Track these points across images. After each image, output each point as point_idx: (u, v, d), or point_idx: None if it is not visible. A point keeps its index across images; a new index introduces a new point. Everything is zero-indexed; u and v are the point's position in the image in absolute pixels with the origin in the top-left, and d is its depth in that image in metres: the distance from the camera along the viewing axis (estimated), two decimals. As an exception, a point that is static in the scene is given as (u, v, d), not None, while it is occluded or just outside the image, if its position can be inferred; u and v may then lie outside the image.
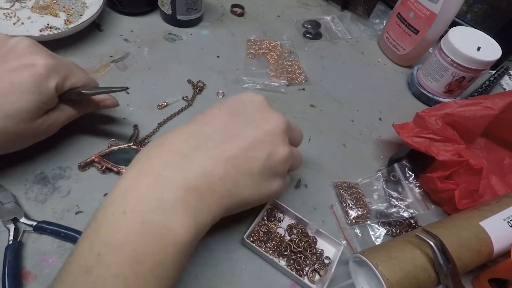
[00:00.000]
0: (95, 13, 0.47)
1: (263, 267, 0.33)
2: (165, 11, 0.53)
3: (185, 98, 0.45)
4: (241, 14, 0.60)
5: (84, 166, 0.36)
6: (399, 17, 0.56)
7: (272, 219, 0.36)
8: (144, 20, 0.54)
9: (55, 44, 0.44)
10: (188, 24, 0.55)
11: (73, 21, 0.48)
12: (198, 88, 0.46)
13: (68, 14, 0.49)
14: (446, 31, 0.51)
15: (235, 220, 0.35)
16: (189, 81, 0.47)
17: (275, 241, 0.34)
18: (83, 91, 0.33)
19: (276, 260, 0.33)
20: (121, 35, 0.51)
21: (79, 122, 0.37)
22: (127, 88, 0.34)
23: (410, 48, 0.56)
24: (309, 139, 0.45)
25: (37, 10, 0.49)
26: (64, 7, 0.50)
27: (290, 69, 0.53)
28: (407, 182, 0.40)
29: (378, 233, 0.37)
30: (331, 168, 0.42)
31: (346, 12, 0.67)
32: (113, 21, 0.53)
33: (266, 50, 0.54)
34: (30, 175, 0.34)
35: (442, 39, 0.49)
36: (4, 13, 0.47)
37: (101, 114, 0.41)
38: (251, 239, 0.34)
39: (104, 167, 0.35)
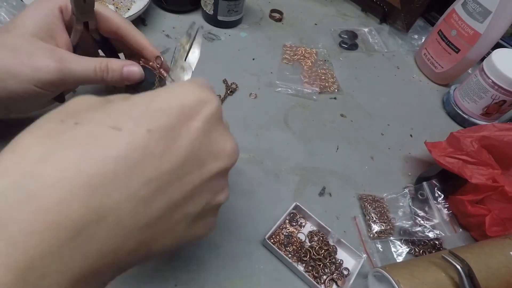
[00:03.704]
0: (142, 8, 0.50)
1: (281, 270, 0.33)
2: (207, 11, 0.54)
3: (218, 96, 0.46)
4: (279, 20, 0.61)
5: None
6: (440, 34, 0.55)
7: (294, 224, 0.36)
8: (186, 18, 0.56)
9: (103, 34, 0.47)
10: (227, 25, 0.56)
11: (121, 14, 0.51)
12: (230, 90, 0.47)
13: (117, 8, 0.52)
14: (489, 53, 0.49)
15: (257, 219, 0.36)
16: (224, 81, 0.48)
17: (295, 246, 0.34)
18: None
19: (294, 264, 0.33)
20: (163, 31, 0.53)
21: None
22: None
23: (448, 67, 0.54)
24: (337, 148, 0.45)
25: (89, 2, 0.52)
26: (113, 1, 0.53)
27: (323, 77, 0.53)
28: (435, 202, 0.39)
29: (400, 250, 0.37)
30: (356, 180, 0.42)
31: (384, 25, 0.66)
32: (157, 17, 0.55)
33: (301, 57, 0.55)
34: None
35: (484, 60, 0.48)
36: (59, 2, 0.50)
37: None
38: (272, 240, 0.34)
39: None
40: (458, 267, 0.28)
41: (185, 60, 0.23)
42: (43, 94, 0.29)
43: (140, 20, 0.53)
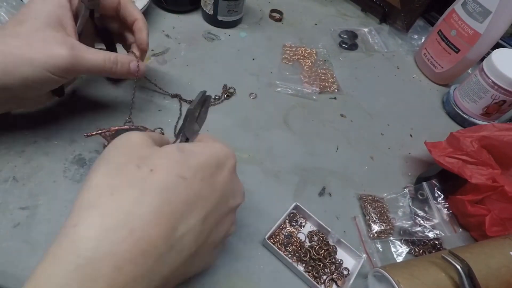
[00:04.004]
0: (142, 8, 0.50)
1: (281, 270, 0.33)
2: (207, 11, 0.54)
3: (216, 97, 0.46)
4: (279, 20, 0.61)
5: (90, 136, 0.36)
6: (439, 34, 0.55)
7: (294, 224, 0.36)
8: (186, 18, 0.56)
9: (103, 34, 0.47)
10: (227, 25, 0.56)
11: None
12: (227, 94, 0.47)
13: (117, 7, 0.52)
14: (489, 52, 0.49)
15: (257, 219, 0.36)
16: (224, 86, 0.48)
17: (295, 246, 0.34)
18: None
19: (294, 264, 0.33)
20: (163, 31, 0.53)
21: (116, 112, 0.39)
22: None
23: (448, 67, 0.54)
24: (337, 148, 0.44)
25: (89, 2, 0.52)
26: (113, 1, 0.53)
27: (323, 77, 0.53)
28: (435, 202, 0.39)
29: (400, 250, 0.37)
30: (356, 180, 0.42)
31: (384, 25, 0.66)
32: (156, 17, 0.55)
33: (301, 57, 0.55)
34: (69, 155, 0.36)
35: (484, 60, 0.48)
36: (59, 2, 0.50)
37: (138, 106, 0.42)
38: (272, 240, 0.34)
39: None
40: (458, 267, 0.28)
41: (196, 121, 0.29)
42: (55, 81, 0.30)
43: (140, 20, 0.53)
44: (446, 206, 0.39)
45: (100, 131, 0.34)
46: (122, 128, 0.35)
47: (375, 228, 0.37)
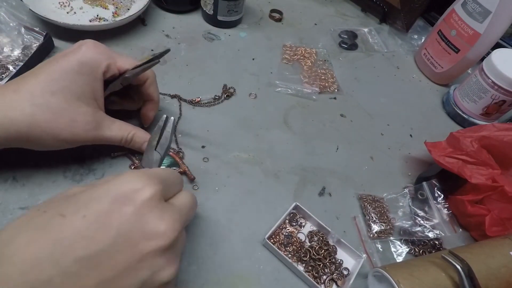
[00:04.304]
0: (141, 9, 0.50)
1: (281, 270, 0.33)
2: (207, 11, 0.54)
3: (216, 97, 0.46)
4: (279, 20, 0.61)
5: (115, 157, 0.37)
6: (439, 34, 0.55)
7: (294, 224, 0.36)
8: (186, 18, 0.56)
9: (102, 34, 0.47)
10: (227, 25, 0.56)
11: (120, 14, 0.51)
12: (227, 94, 0.47)
13: (117, 8, 0.52)
14: (488, 53, 0.49)
15: (257, 219, 0.36)
16: (224, 86, 0.48)
17: (295, 246, 0.34)
18: (126, 75, 0.34)
19: (294, 264, 0.33)
20: (163, 31, 0.53)
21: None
22: (160, 58, 0.34)
23: (448, 67, 0.54)
24: (337, 148, 0.44)
25: (89, 2, 0.52)
26: (113, 1, 0.53)
27: (323, 77, 0.53)
28: (435, 202, 0.39)
29: (400, 250, 0.37)
30: (356, 180, 0.42)
31: (384, 25, 0.66)
32: (157, 17, 0.55)
33: (301, 57, 0.55)
34: (69, 156, 0.36)
35: (484, 60, 0.48)
36: (59, 2, 0.50)
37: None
38: (272, 240, 0.34)
39: (133, 166, 0.37)
40: (458, 267, 0.28)
41: (155, 149, 0.28)
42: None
43: (140, 20, 0.53)
44: (446, 206, 0.39)
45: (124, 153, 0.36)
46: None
47: (375, 228, 0.37)
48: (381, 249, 0.36)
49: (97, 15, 0.50)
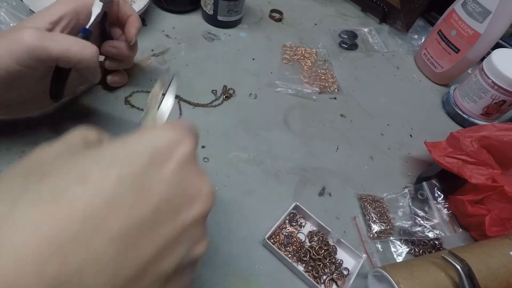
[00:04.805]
0: (142, 8, 0.49)
1: (281, 270, 0.33)
2: (207, 11, 0.54)
3: (216, 97, 0.46)
4: (279, 20, 0.61)
5: None
6: (439, 34, 0.55)
7: (294, 224, 0.36)
8: (186, 18, 0.56)
9: (103, 34, 0.47)
10: (227, 25, 0.56)
11: None
12: (227, 94, 0.47)
13: (117, 8, 0.52)
14: (488, 53, 0.49)
15: (257, 219, 0.36)
16: (224, 87, 0.48)
17: (295, 246, 0.34)
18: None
19: (294, 264, 0.33)
20: (163, 31, 0.53)
21: (115, 114, 0.39)
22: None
23: (448, 67, 0.55)
24: (337, 148, 0.45)
25: (89, 2, 0.52)
26: (113, 1, 0.53)
27: (323, 77, 0.53)
28: (435, 202, 0.39)
29: (400, 250, 0.37)
30: (356, 180, 0.42)
31: (384, 25, 0.66)
32: (157, 17, 0.55)
33: (301, 57, 0.55)
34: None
35: (484, 60, 0.48)
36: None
37: (133, 105, 0.42)
38: (272, 240, 0.34)
39: None
40: (458, 267, 0.28)
41: (157, 109, 0.22)
42: (26, 74, 0.28)
43: (140, 20, 0.53)
44: (446, 206, 0.39)
45: None
46: None
47: (375, 228, 0.37)
48: (381, 249, 0.36)
49: (97, 15, 0.50)
